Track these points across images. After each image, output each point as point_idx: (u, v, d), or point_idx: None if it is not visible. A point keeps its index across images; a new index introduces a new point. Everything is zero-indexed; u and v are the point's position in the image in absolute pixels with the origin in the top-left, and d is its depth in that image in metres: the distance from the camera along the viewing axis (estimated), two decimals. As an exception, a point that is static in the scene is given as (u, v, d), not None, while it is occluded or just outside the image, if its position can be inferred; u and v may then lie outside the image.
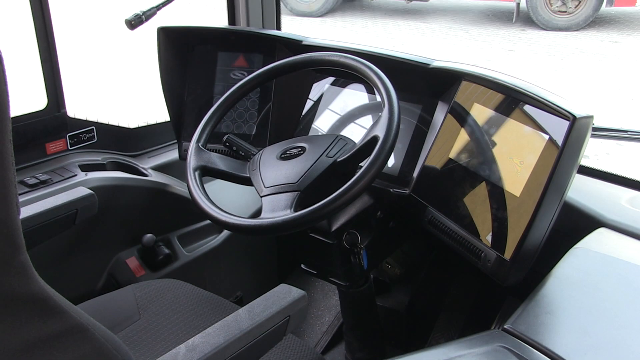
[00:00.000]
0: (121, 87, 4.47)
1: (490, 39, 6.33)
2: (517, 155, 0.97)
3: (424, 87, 1.20)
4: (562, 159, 0.89)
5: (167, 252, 1.49)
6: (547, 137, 0.93)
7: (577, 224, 1.08)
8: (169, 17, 1.50)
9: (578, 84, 4.81)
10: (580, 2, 6.33)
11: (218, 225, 0.94)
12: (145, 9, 1.41)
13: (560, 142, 0.90)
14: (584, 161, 1.04)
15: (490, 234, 0.98)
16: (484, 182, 1.01)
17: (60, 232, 1.17)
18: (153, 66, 1.48)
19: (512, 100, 1.01)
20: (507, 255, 0.94)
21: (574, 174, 0.94)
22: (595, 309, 0.83)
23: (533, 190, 0.92)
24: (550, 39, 6.21)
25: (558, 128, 0.91)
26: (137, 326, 1.11)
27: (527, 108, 0.98)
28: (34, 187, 1.31)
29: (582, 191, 1.14)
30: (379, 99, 1.24)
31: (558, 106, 0.91)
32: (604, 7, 6.40)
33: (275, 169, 1.01)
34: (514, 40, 6.27)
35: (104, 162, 1.52)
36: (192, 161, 1.05)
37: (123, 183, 1.43)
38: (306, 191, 0.94)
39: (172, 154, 1.69)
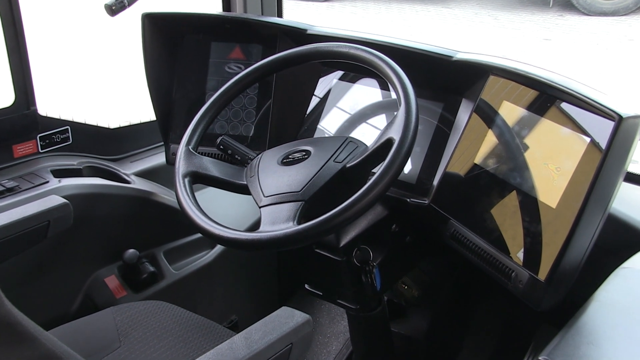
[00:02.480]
0: (100, 81, 4.50)
1: (522, 27, 6.32)
2: (553, 160, 0.97)
3: (445, 82, 1.20)
4: (605, 165, 0.89)
5: (151, 269, 1.50)
6: (588, 139, 0.92)
7: (624, 239, 1.07)
8: (156, 2, 1.51)
9: (626, 78, 4.80)
10: (629, -19, 6.29)
11: (210, 239, 0.94)
12: (128, -8, 1.42)
13: (603, 145, 0.89)
14: (632, 167, 1.03)
15: (522, 250, 0.98)
16: (514, 192, 1.01)
17: (30, 247, 1.18)
18: (137, 58, 1.49)
19: (548, 98, 1.01)
20: (542, 275, 0.94)
21: (620, 182, 0.94)
22: (644, 338, 0.82)
23: (572, 200, 0.92)
24: (593, 26, 6.19)
25: (601, 129, 0.91)
26: (117, 355, 1.11)
27: (565, 106, 0.98)
28: (-1, 195, 1.32)
29: (629, 202, 1.13)
30: (394, 96, 1.25)
31: (601, 104, 0.91)
32: (658, -13, 6.36)
33: (275, 176, 1.01)
34: (550, 27, 6.26)
35: (80, 167, 1.53)
36: (181, 166, 1.05)
37: (102, 191, 1.44)
38: (311, 201, 0.95)
39: (159, 158, 1.69)
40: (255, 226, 1.63)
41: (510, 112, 1.06)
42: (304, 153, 1.05)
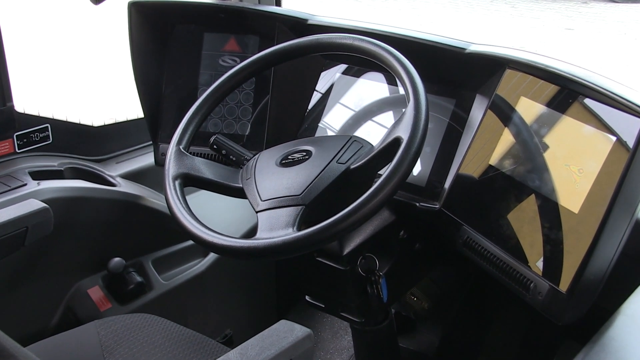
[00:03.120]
0: (83, 76, 4.51)
1: (542, 15, 6.33)
2: (575, 161, 0.97)
3: (458, 77, 1.20)
4: (633, 166, 0.89)
5: (139, 280, 1.50)
6: (614, 138, 0.92)
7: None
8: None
9: (655, 71, 4.79)
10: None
11: (203, 246, 0.94)
12: (113, -21, 1.42)
13: (631, 144, 0.90)
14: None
15: (542, 259, 0.98)
16: (533, 195, 1.01)
17: (6, 255, 1.18)
18: (124, 50, 1.49)
19: (570, 93, 1.01)
20: (563, 286, 0.94)
21: (649, 185, 0.94)
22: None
23: (596, 205, 0.92)
24: (620, 14, 6.18)
25: (628, 127, 0.91)
26: (101, 373, 1.11)
27: (589, 102, 0.98)
28: (-27, 199, 1.32)
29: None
30: (402, 91, 1.25)
31: (629, 100, 0.91)
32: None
33: (274, 178, 1.01)
34: (572, 15, 6.26)
35: (61, 169, 1.53)
36: (171, 168, 1.05)
37: (85, 194, 1.44)
38: (312, 205, 0.95)
39: (147, 159, 1.69)
40: (251, 232, 1.63)
41: (529, 108, 1.06)
42: (304, 153, 1.05)
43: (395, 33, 1.25)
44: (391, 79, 1.29)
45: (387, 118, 1.27)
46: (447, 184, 1.16)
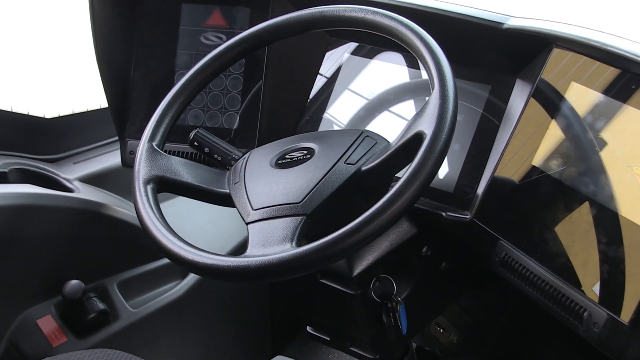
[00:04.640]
0: (32, 56, 4.51)
1: (598, -19, 6.32)
2: (639, 161, 0.97)
3: (494, 58, 1.21)
4: None
5: (101, 307, 1.50)
6: (685, 133, 0.93)
7: None
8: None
9: None
10: None
11: (181, 266, 0.94)
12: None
13: None
14: None
15: (598, 283, 0.98)
16: (586, 203, 1.01)
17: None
18: (84, 26, 1.49)
19: (632, 77, 1.01)
20: (625, 316, 0.94)
21: None
22: None
23: (664, 215, 0.92)
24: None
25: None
26: (55, 422, 1.11)
27: (655, 89, 0.98)
28: None
29: None
30: (425, 76, 1.25)
31: None
32: None
33: (268, 182, 1.01)
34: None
35: (5, 170, 1.53)
36: (142, 169, 1.05)
37: (35, 202, 1.44)
38: (315, 216, 0.95)
39: (112, 158, 1.70)
40: (240, 249, 1.64)
41: (581, 96, 1.06)
42: (305, 152, 1.05)
43: (417, 4, 1.25)
44: (412, 60, 1.29)
45: (406, 108, 1.27)
46: (480, 190, 1.16)
